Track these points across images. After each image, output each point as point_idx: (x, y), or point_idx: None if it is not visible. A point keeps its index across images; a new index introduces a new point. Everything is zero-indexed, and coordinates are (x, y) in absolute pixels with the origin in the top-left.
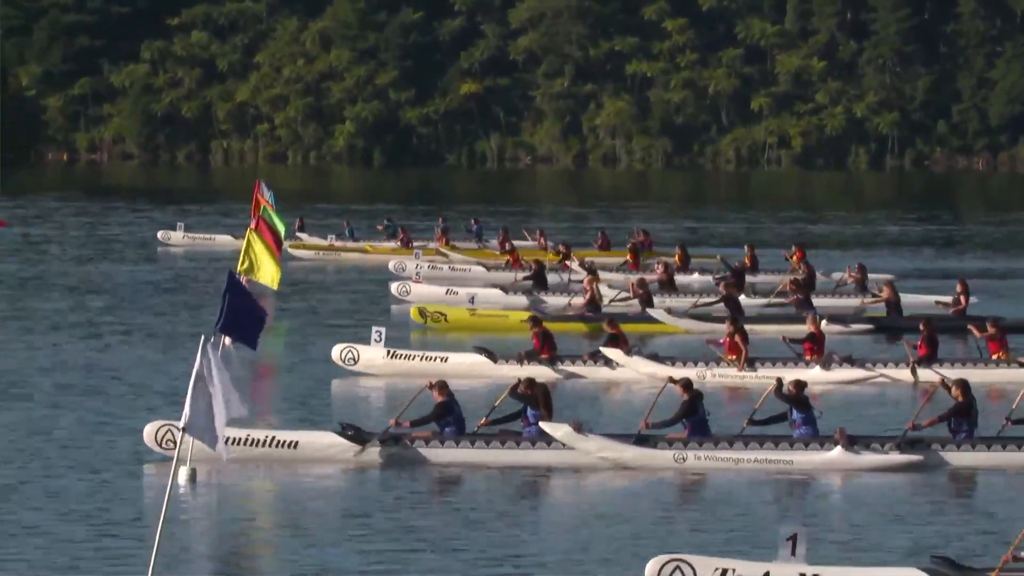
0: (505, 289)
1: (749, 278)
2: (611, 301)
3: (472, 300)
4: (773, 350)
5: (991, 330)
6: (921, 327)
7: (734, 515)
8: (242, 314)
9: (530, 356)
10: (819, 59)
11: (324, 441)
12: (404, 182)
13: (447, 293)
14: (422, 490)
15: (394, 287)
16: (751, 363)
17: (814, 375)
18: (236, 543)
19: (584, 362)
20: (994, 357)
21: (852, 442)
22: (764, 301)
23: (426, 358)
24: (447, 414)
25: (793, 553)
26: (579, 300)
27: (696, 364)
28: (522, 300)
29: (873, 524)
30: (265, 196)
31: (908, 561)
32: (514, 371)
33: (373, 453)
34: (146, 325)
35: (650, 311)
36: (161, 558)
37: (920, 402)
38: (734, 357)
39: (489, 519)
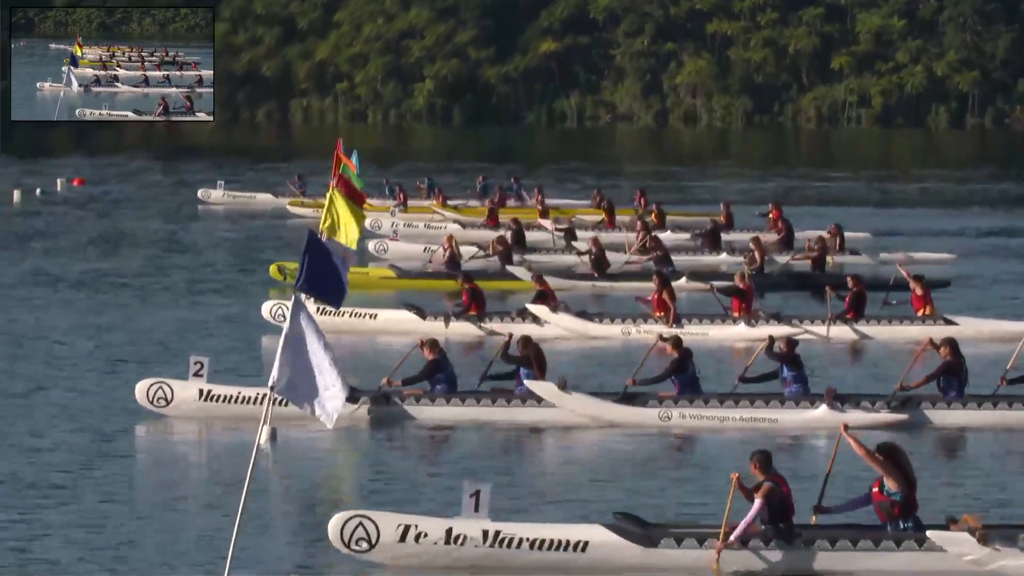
0: (482, 247)
1: (724, 236)
2: (471, 258)
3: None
4: (700, 306)
5: (914, 285)
6: (850, 284)
7: (708, 476)
8: (324, 273)
9: (458, 313)
10: (899, 18)
11: None
12: (483, 140)
13: (424, 251)
14: (414, 448)
15: (371, 245)
16: (678, 320)
17: (740, 331)
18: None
19: (512, 319)
20: (919, 314)
21: (840, 400)
22: (624, 258)
23: (356, 315)
24: (438, 371)
25: (476, 509)
26: (439, 256)
27: (624, 320)
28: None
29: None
30: (346, 155)
31: (595, 518)
32: (442, 328)
33: (364, 411)
34: (172, 283)
35: (509, 268)
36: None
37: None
38: (662, 314)
39: (480, 474)
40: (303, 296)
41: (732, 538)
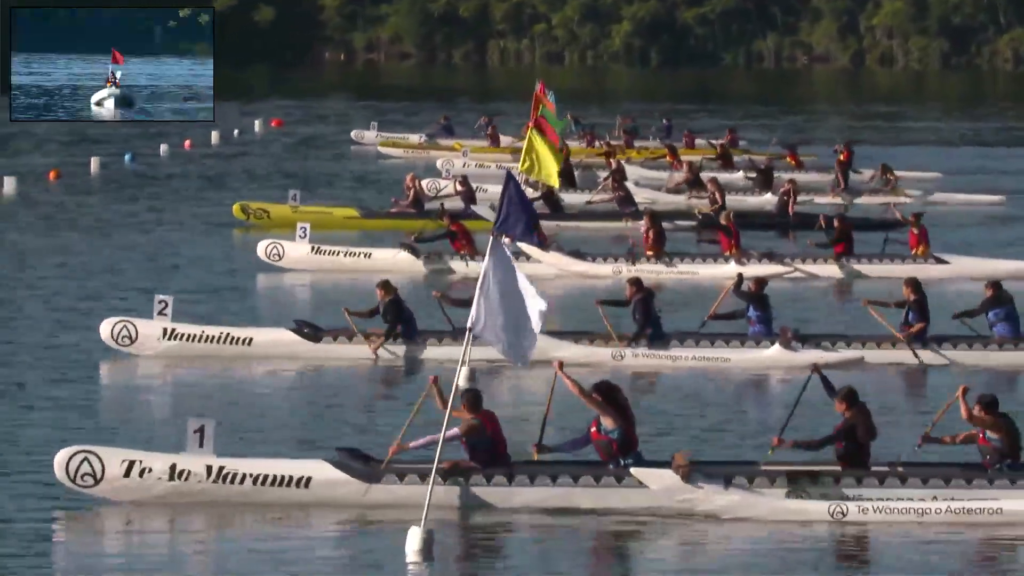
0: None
1: (800, 176)
2: (434, 198)
3: (295, 198)
4: (691, 245)
5: (910, 224)
6: (835, 223)
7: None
8: (522, 214)
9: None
10: None
11: (279, 338)
12: (680, 82)
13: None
14: (376, 386)
15: (426, 183)
16: (670, 258)
17: (730, 270)
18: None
19: None
20: (913, 252)
21: (798, 340)
22: (587, 198)
23: (350, 254)
24: (399, 312)
25: (201, 445)
26: (405, 199)
27: (616, 260)
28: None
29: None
30: (546, 96)
31: (318, 454)
32: (435, 267)
33: (327, 350)
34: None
35: (474, 207)
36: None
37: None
38: (652, 253)
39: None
40: (506, 238)
41: (410, 445)
